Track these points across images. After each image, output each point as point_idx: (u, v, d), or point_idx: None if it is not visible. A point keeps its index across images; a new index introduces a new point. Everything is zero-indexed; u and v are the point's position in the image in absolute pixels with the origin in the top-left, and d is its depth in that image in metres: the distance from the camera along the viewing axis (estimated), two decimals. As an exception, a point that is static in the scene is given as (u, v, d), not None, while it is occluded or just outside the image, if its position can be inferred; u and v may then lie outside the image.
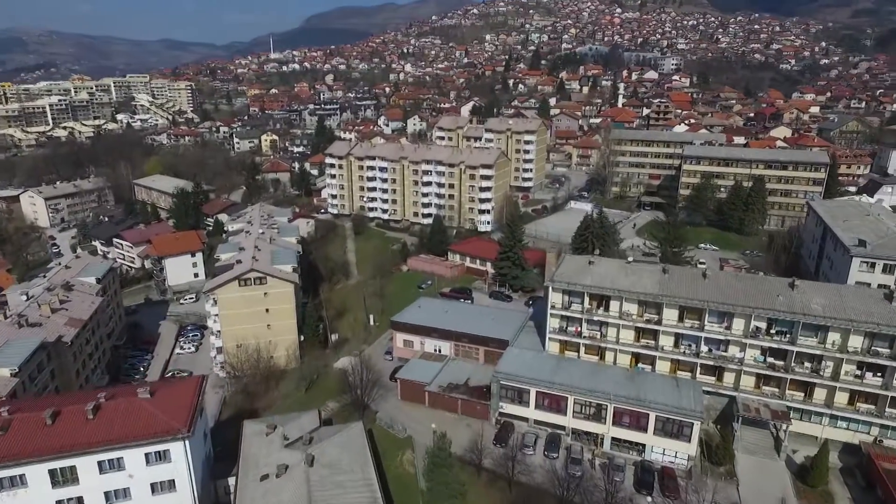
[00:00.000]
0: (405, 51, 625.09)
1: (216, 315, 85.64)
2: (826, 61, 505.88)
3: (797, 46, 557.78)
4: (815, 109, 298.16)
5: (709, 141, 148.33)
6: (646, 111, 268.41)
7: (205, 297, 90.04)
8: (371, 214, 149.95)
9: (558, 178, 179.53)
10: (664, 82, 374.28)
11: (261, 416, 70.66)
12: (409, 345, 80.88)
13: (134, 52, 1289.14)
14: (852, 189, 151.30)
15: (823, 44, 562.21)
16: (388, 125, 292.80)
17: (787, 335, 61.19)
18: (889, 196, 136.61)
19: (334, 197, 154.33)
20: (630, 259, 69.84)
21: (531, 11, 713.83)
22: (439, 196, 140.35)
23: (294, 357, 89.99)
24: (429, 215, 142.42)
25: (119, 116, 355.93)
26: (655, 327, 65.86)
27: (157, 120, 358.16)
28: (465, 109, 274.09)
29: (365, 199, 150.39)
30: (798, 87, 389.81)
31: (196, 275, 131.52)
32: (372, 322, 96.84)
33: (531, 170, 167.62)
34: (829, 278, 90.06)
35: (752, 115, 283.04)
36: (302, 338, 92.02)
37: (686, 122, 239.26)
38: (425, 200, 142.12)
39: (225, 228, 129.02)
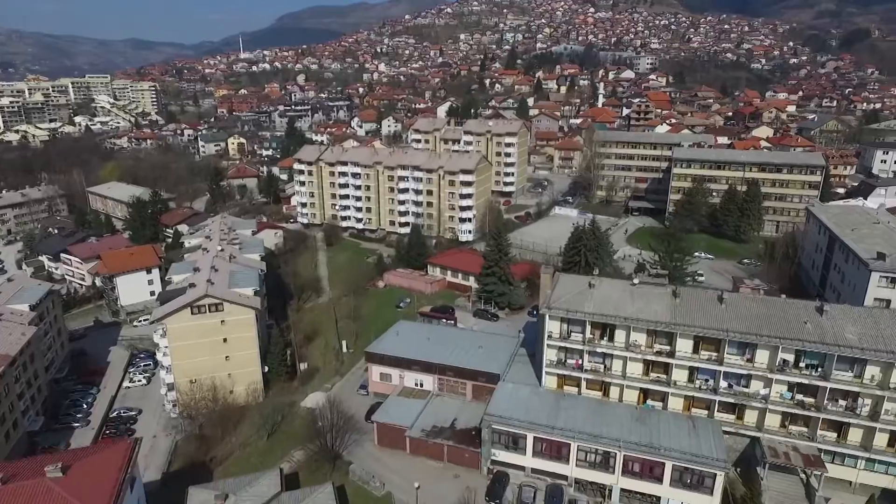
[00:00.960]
0: (379, 50, 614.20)
1: (166, 348, 75.18)
2: (795, 61, 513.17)
3: (767, 46, 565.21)
4: (791, 109, 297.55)
5: (697, 143, 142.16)
6: (626, 111, 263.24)
7: (152, 327, 79.46)
8: (344, 224, 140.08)
9: (541, 182, 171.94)
10: (641, 82, 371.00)
11: (214, 470, 60.76)
12: (386, 378, 71.69)
13: (99, 52, 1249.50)
14: (841, 191, 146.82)
15: (791, 44, 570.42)
16: (361, 127, 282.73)
17: (818, 369, 53.78)
18: (883, 199, 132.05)
19: (304, 205, 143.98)
20: (636, 281, 61.77)
21: (505, 11, 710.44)
22: (417, 204, 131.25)
23: (257, 392, 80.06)
24: (406, 224, 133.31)
25: (77, 119, 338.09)
26: (667, 360, 57.89)
27: (118, 122, 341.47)
28: (441, 110, 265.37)
29: (337, 207, 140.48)
30: (771, 87, 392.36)
31: (152, 293, 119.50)
32: (345, 349, 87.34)
33: (513, 174, 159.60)
34: (839, 293, 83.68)
35: (730, 114, 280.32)
36: (266, 369, 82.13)
37: (667, 122, 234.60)
38: (402, 209, 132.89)
39: (181, 243, 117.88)
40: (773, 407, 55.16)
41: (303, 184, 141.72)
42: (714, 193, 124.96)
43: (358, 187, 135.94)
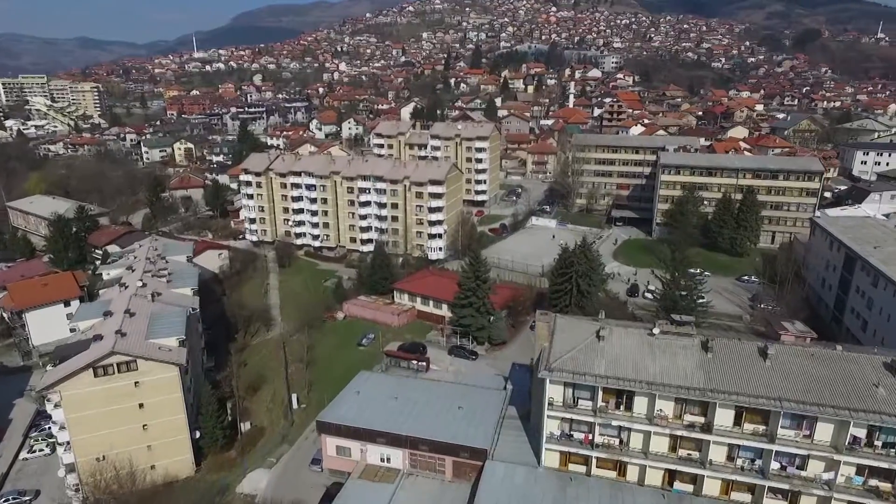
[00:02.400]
0: (339, 49, 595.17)
1: (62, 422, 59.17)
2: (752, 60, 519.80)
3: (725, 46, 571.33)
4: (759, 108, 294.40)
5: (683, 146, 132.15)
6: (597, 111, 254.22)
7: (39, 396, 62.71)
8: (299, 241, 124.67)
9: (514, 190, 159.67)
10: (609, 81, 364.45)
11: None
12: (344, 453, 57.52)
13: (45, 51, 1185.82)
14: (827, 195, 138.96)
15: (748, 43, 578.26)
16: (321, 129, 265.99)
17: (897, 447, 42.28)
18: (877, 205, 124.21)
19: (253, 221, 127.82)
20: (657, 331, 49.26)
21: (467, 9, 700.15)
22: (380, 219, 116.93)
23: (185, 466, 64.70)
24: (369, 241, 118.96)
25: (8, 123, 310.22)
26: (702, 436, 45.56)
27: (55, 126, 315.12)
28: (406, 111, 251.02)
29: (290, 222, 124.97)
30: (733, 85, 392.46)
31: (73, 330, 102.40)
32: (295, 404, 72.69)
33: (485, 181, 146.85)
34: (865, 320, 73.45)
35: (700, 113, 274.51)
36: (198, 433, 66.82)
37: (640, 122, 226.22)
38: (364, 224, 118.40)
39: (99, 273, 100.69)
40: (839, 496, 43.37)
41: (251, 197, 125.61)
42: (706, 202, 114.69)
43: (313, 200, 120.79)
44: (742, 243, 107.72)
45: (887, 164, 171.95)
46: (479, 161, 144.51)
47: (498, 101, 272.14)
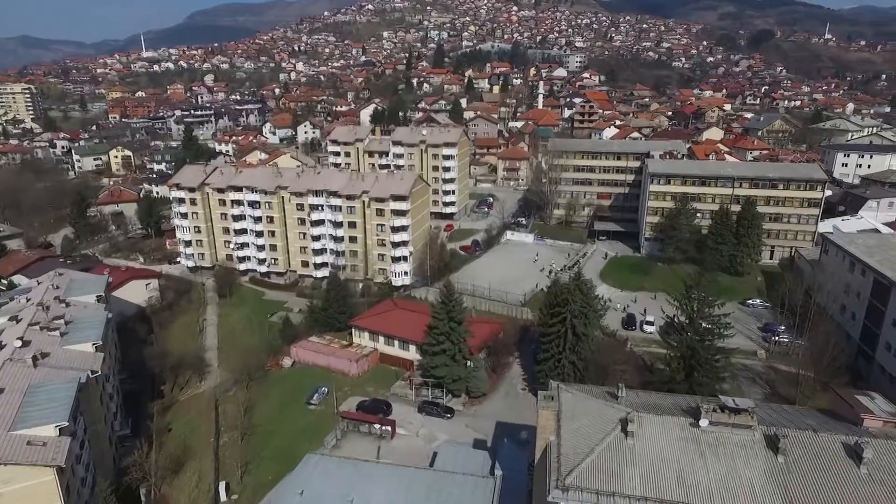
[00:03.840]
0: (296, 48, 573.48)
1: None
2: (711, 59, 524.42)
3: (685, 45, 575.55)
4: (727, 107, 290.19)
5: (669, 151, 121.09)
6: (567, 112, 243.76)
7: None
8: (242, 266, 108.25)
9: (486, 200, 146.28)
10: (575, 80, 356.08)
11: None
12: (281, 585, 42.61)
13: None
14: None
15: (705, 43, 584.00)
16: (274, 133, 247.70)
17: None
18: (875, 213, 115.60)
19: (188, 244, 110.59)
20: (705, 423, 36.10)
21: (428, 8, 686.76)
22: (336, 240, 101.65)
23: None
24: (324, 265, 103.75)
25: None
26: (780, 578, 32.54)
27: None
28: (366, 113, 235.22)
29: (232, 245, 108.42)
30: (696, 84, 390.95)
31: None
32: (224, 495, 57.13)
33: (454, 192, 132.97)
34: (910, 362, 62.50)
35: (670, 113, 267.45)
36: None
37: (613, 123, 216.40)
38: (316, 246, 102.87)
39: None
40: None
41: (184, 216, 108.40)
42: (700, 215, 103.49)
43: (257, 219, 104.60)
44: (743, 261, 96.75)
45: (868, 166, 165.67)
46: (447, 170, 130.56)
47: (463, 102, 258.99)
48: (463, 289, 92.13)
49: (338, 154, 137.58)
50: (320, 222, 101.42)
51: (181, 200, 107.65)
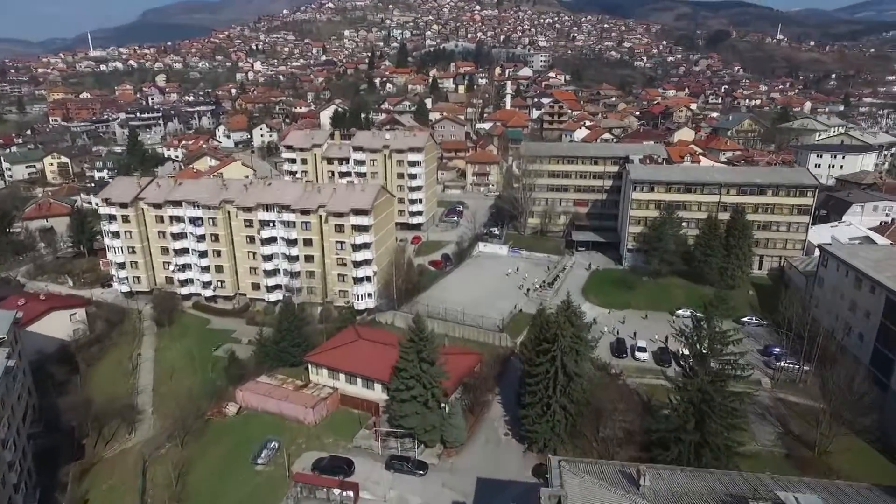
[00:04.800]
0: (254, 47, 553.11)
1: None
2: (672, 59, 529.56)
3: (646, 45, 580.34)
4: (693, 106, 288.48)
5: (649, 156, 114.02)
6: (536, 113, 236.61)
7: None
8: (184, 290, 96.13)
9: (455, 208, 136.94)
10: (541, 80, 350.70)
11: None
12: None
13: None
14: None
15: (665, 43, 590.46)
16: (228, 137, 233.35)
17: None
18: (859, 217, 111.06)
19: (122, 266, 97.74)
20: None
21: (391, 7, 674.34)
22: (290, 259, 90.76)
23: None
24: (277, 287, 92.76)
25: None
26: None
27: None
28: (326, 115, 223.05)
29: (173, 267, 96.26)
30: (659, 84, 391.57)
31: None
32: None
33: (421, 201, 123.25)
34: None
35: (638, 113, 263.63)
36: None
37: (583, 124, 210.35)
38: (268, 266, 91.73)
39: None
40: None
41: (116, 235, 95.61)
42: (685, 224, 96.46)
43: (200, 237, 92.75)
44: (734, 274, 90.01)
45: (841, 166, 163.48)
46: (414, 177, 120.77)
47: (428, 103, 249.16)
48: (434, 313, 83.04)
49: (293, 161, 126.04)
50: (272, 240, 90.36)
51: (112, 217, 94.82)
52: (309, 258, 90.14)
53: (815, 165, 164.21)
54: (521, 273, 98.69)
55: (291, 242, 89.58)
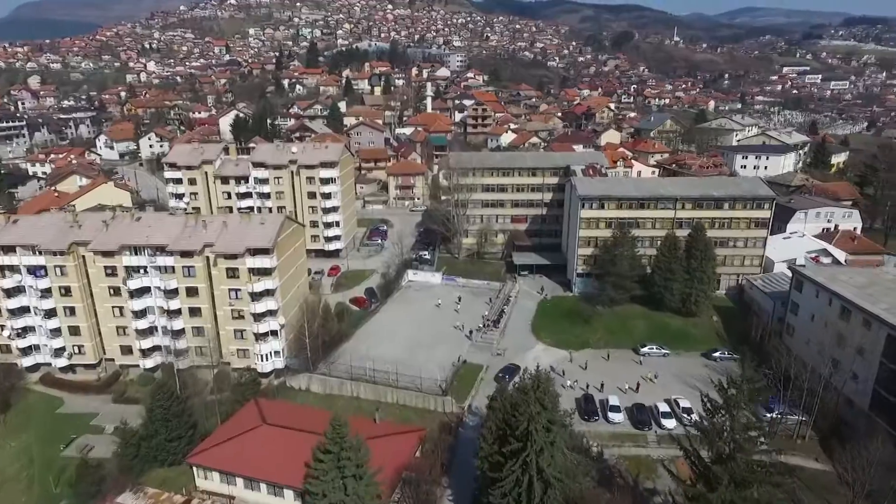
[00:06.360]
0: (147, 46, 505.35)
1: None
2: (582, 59, 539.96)
3: (557, 45, 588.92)
4: (612, 106, 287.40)
5: (591, 165, 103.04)
6: (458, 116, 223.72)
7: None
8: (28, 361, 73.64)
9: (378, 228, 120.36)
10: (459, 80, 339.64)
11: None
12: None
13: None
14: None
15: (575, 43, 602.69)
16: (112, 148, 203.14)
17: None
18: (803, 223, 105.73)
19: (-62, 332, 73.74)
20: None
21: (299, 4, 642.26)
22: (169, 314, 70.97)
23: None
24: (156, 349, 72.71)
25: None
26: None
27: None
28: (225, 122, 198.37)
29: (8, 331, 73.46)
30: (574, 83, 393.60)
31: None
32: None
33: (338, 223, 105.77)
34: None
35: (560, 114, 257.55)
36: None
37: (508, 127, 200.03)
38: (142, 324, 71.48)
39: None
40: None
41: (-73, 293, 71.68)
42: (640, 243, 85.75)
43: (45, 292, 70.94)
44: (697, 299, 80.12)
45: (765, 167, 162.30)
46: (328, 196, 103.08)
47: (342, 106, 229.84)
48: (359, 373, 66.87)
49: (178, 182, 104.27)
50: (144, 291, 70.28)
51: (-82, 270, 70.85)
52: (195, 311, 70.84)
53: (741, 167, 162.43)
54: (461, 306, 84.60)
55: (171, 293, 69.95)
